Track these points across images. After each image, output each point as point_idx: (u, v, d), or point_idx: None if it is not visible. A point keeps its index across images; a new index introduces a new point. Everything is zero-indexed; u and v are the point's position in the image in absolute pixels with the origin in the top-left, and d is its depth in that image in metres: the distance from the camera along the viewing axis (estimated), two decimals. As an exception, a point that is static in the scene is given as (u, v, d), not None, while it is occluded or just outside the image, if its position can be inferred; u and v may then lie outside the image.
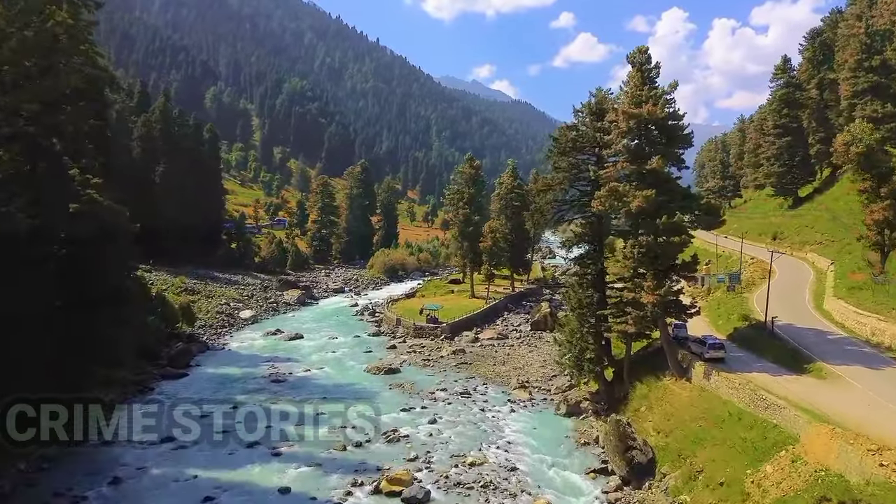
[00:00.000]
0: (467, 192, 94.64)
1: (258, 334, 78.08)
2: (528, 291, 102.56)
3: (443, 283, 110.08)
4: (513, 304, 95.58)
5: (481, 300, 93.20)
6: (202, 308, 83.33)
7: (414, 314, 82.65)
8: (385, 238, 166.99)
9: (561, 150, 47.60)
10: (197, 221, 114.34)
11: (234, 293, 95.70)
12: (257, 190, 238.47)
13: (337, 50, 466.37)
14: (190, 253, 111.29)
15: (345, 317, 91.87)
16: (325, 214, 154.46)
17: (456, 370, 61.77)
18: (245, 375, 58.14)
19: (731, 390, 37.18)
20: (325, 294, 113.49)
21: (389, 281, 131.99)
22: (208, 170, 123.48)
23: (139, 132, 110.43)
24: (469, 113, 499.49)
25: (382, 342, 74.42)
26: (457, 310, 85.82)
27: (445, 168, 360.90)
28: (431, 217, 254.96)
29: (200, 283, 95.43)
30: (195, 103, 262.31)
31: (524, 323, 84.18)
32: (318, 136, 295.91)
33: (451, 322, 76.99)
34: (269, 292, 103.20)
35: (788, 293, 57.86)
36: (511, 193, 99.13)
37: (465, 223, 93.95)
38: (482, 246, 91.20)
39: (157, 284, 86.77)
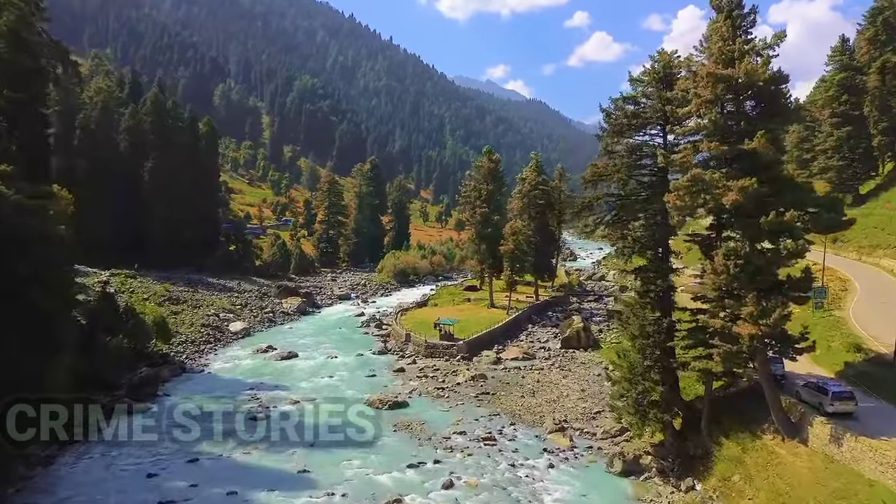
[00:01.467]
0: (485, 189, 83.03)
1: (247, 352, 67.13)
2: (553, 300, 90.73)
3: (458, 290, 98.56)
4: (537, 315, 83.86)
5: (502, 311, 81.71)
6: (185, 321, 72.50)
7: (426, 328, 71.34)
8: (396, 239, 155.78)
9: (616, 128, 35.95)
10: (191, 221, 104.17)
11: (226, 302, 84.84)
12: (266, 189, 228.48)
13: (350, 48, 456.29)
14: (183, 256, 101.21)
15: (349, 329, 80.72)
16: (333, 214, 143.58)
17: (476, 402, 50.25)
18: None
19: (881, 466, 25.38)
20: (329, 301, 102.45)
21: (400, 286, 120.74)
22: (205, 166, 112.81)
23: (126, 124, 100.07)
24: (483, 111, 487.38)
25: (389, 362, 63.11)
26: (474, 322, 74.42)
27: (459, 167, 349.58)
28: (445, 217, 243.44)
29: (189, 290, 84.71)
30: (203, 100, 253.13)
31: (552, 339, 72.53)
32: (329, 135, 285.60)
33: (469, 339, 65.47)
34: (265, 300, 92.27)
35: (891, 309, 45.83)
36: (535, 190, 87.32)
37: (483, 223, 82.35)
38: (503, 249, 79.62)
39: (137, 293, 76.34)
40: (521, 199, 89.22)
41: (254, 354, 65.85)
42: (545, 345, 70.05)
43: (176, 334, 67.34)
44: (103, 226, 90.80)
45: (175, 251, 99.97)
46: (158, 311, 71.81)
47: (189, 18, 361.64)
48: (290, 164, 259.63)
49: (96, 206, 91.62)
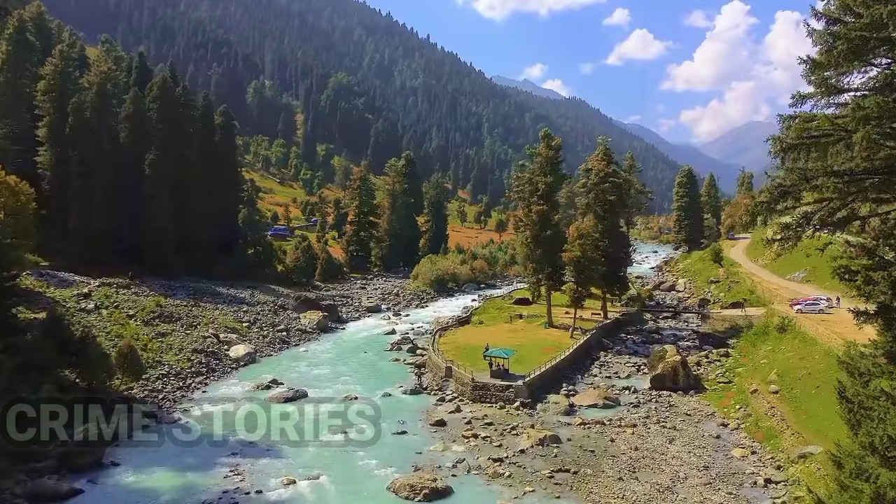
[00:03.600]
0: (543, 182, 66.15)
1: (245, 387, 51.95)
2: (624, 318, 73.49)
3: (506, 303, 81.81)
4: (608, 337, 66.85)
5: (562, 332, 65.07)
6: (174, 345, 57.69)
7: (471, 358, 55.13)
8: (432, 242, 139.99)
9: (847, 47, 18.69)
10: (203, 222, 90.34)
11: (231, 318, 70.04)
12: (297, 189, 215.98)
13: (386, 47, 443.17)
14: (192, 261, 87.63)
15: (375, 353, 65.02)
16: (364, 214, 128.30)
17: (552, 490, 33.56)
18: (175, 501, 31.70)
19: None
20: (356, 314, 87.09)
21: (437, 295, 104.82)
22: (220, 161, 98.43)
23: (126, 111, 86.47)
24: (522, 109, 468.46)
25: (425, 408, 47.00)
26: (531, 348, 57.96)
27: (498, 166, 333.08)
28: (484, 218, 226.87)
29: (188, 303, 70.23)
30: (236, 97, 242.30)
31: (635, 373, 55.50)
32: (363, 133, 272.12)
33: (530, 377, 48.73)
34: (280, 315, 77.28)
35: None
36: (604, 183, 70.14)
37: (540, 224, 65.51)
38: (566, 256, 62.86)
39: (121, 309, 62.07)
40: (585, 195, 72.10)
41: (252, 392, 50.59)
42: (628, 382, 53.03)
43: (156, 365, 52.50)
44: (98, 227, 78.01)
45: (183, 256, 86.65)
46: (141, 332, 57.41)
47: (225, 17, 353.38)
48: (324, 163, 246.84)
49: (90, 203, 79.17)
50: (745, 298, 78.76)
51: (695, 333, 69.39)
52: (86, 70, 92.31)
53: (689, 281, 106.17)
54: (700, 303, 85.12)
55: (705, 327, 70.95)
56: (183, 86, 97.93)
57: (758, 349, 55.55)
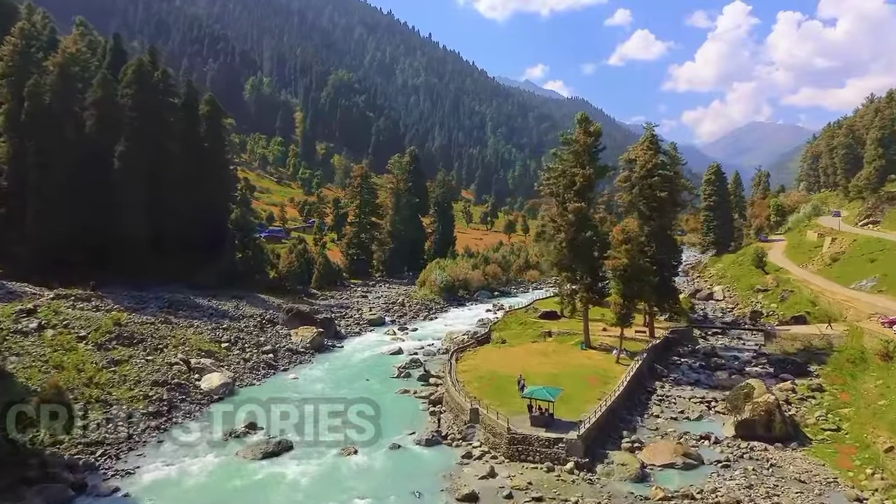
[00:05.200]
0: (581, 175, 54.20)
1: (213, 434, 40.06)
2: (673, 336, 61.52)
3: (530, 317, 69.75)
4: (659, 360, 54.99)
5: (604, 355, 53.36)
6: (130, 377, 45.71)
7: (500, 392, 43.44)
8: (439, 245, 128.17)
9: None
10: (183, 223, 78.93)
11: (207, 338, 58.12)
12: (296, 188, 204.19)
13: (387, 45, 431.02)
14: (172, 267, 76.22)
15: (379, 381, 53.16)
16: (365, 214, 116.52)
17: None
18: None
19: None
20: (357, 328, 75.30)
21: (447, 305, 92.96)
22: (206, 154, 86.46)
23: (94, 96, 74.65)
24: (525, 109, 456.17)
25: (447, 470, 35.04)
26: (572, 379, 46.23)
27: (502, 166, 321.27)
28: (491, 219, 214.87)
29: (156, 319, 58.31)
30: (233, 93, 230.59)
31: (705, 411, 43.77)
32: (364, 131, 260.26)
33: (584, 428, 36.61)
34: (267, 332, 65.40)
35: None
36: (653, 177, 58.19)
37: (577, 225, 53.54)
38: (610, 264, 51.11)
39: (71, 328, 50.29)
40: (628, 191, 60.21)
41: (222, 444, 38.72)
42: (700, 426, 41.18)
43: (101, 406, 40.62)
44: (58, 227, 66.78)
45: (160, 261, 75.30)
46: (90, 360, 45.57)
47: (223, 14, 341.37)
48: (323, 162, 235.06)
49: (49, 199, 67.77)
50: (808, 311, 67.04)
51: (761, 356, 57.47)
52: (53, 53, 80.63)
53: (727, 288, 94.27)
54: (751, 316, 73.30)
55: (771, 347, 59.08)
56: (163, 70, 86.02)
57: (860, 383, 43.76)
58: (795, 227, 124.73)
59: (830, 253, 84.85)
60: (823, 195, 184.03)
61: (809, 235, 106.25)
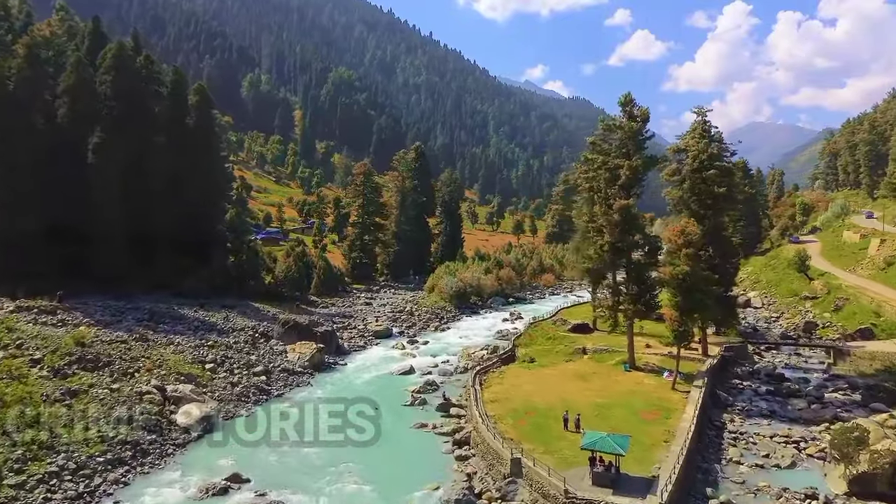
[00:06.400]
0: (628, 167, 45.66)
1: (187, 491, 31.51)
2: (728, 354, 52.89)
3: (559, 330, 61.01)
4: (718, 384, 46.45)
5: (653, 378, 44.99)
6: (88, 411, 37.08)
7: (542, 430, 35.15)
8: (447, 247, 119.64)
9: None
10: (171, 224, 70.66)
11: (189, 357, 49.49)
12: (295, 188, 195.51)
13: (388, 43, 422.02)
14: (157, 273, 68.19)
15: (390, 411, 44.43)
16: (368, 214, 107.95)
17: None
18: None
19: None
20: (361, 341, 66.76)
21: (458, 313, 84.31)
22: (196, 148, 77.81)
23: (66, 82, 66.01)
24: (527, 108, 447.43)
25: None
26: (624, 413, 38.08)
27: (505, 165, 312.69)
28: (497, 219, 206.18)
29: (132, 335, 49.76)
30: (230, 90, 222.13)
31: (796, 454, 35.12)
32: (365, 129, 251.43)
33: (665, 490, 27.93)
34: (260, 348, 56.77)
35: None
36: (709, 169, 49.56)
37: (622, 225, 45.03)
38: (667, 273, 42.56)
39: (25, 349, 41.82)
40: (678, 186, 51.67)
41: (198, 501, 30.22)
42: (795, 476, 32.64)
43: (45, 454, 32.04)
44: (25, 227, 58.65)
45: (142, 267, 67.19)
46: (41, 391, 37.02)
47: (221, 10, 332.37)
48: (323, 161, 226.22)
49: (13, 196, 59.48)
50: (874, 324, 58.56)
51: (834, 378, 48.95)
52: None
53: (765, 295, 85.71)
54: (805, 328, 64.80)
55: (842, 368, 50.60)
56: (146, 55, 77.36)
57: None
58: (826, 227, 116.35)
59: (883, 256, 76.44)
60: (843, 193, 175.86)
61: (847, 236, 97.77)
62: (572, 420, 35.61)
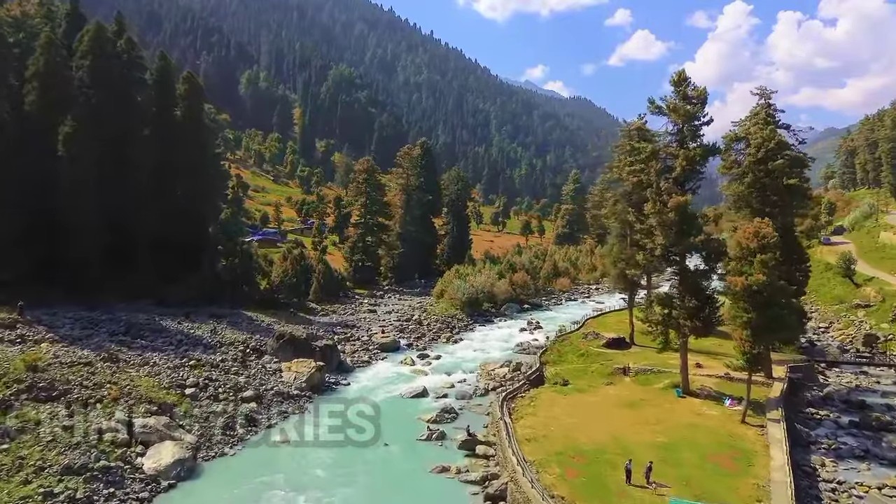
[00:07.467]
0: (683, 157, 38.24)
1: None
2: (796, 378, 45.32)
3: (591, 344, 53.48)
4: (794, 415, 38.94)
5: (712, 406, 37.70)
6: (30, 457, 29.58)
7: (599, 488, 27.69)
8: (454, 249, 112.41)
9: None
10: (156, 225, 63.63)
11: (165, 380, 41.83)
12: (294, 187, 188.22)
13: (389, 41, 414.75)
14: (140, 280, 61.10)
15: (403, 446, 36.99)
16: (371, 214, 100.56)
17: None
18: None
19: None
20: (365, 355, 59.19)
21: (471, 321, 76.76)
22: (184, 141, 70.32)
23: (36, 66, 58.48)
24: (529, 107, 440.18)
25: None
26: (692, 459, 30.76)
27: (508, 165, 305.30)
28: (502, 219, 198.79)
29: (100, 353, 42.17)
30: (227, 87, 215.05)
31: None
32: (366, 128, 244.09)
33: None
34: (251, 367, 49.17)
35: None
36: (776, 160, 42.08)
37: (679, 225, 37.59)
38: (737, 282, 35.11)
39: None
40: (738, 181, 44.14)
41: None
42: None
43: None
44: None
45: (123, 273, 60.05)
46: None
47: (218, 6, 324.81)
48: (323, 160, 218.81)
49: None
50: (949, 337, 51.07)
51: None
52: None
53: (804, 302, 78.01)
54: (865, 340, 57.34)
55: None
56: (128, 38, 69.83)
57: None
58: (856, 227, 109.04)
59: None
60: (863, 192, 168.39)
61: (885, 237, 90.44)
62: (639, 471, 28.16)
